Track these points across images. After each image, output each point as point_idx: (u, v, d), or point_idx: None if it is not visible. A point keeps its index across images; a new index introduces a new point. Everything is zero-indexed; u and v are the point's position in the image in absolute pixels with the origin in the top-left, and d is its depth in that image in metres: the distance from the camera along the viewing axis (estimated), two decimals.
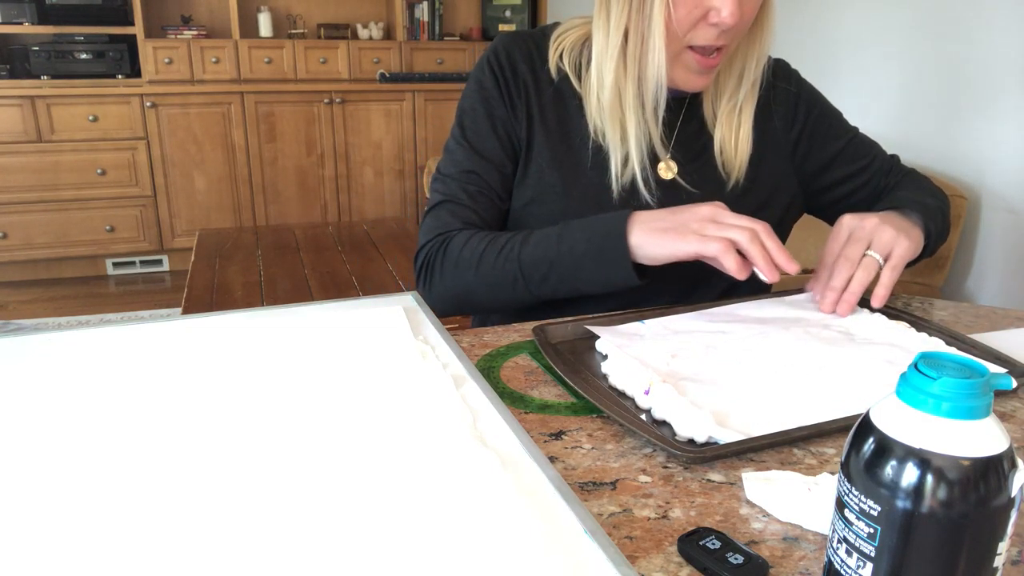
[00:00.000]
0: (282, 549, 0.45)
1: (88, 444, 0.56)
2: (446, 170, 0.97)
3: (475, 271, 0.88)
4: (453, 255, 0.90)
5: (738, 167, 0.94)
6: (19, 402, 0.62)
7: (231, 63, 3.74)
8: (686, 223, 0.78)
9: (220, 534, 0.46)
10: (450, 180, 0.95)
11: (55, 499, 0.49)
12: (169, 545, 0.45)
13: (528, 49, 0.96)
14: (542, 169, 0.94)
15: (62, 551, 0.45)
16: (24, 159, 3.34)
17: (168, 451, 0.55)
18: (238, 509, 0.48)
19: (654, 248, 0.79)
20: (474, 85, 0.97)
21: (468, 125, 0.96)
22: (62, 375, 0.67)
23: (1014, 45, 1.86)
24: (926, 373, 0.36)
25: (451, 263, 0.90)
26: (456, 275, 0.90)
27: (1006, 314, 0.91)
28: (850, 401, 0.65)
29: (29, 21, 3.44)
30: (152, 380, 0.67)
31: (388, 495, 0.50)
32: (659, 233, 0.79)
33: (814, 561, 0.46)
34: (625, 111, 0.89)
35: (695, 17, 0.81)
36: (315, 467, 0.53)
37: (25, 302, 3.29)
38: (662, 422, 0.62)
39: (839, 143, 1.00)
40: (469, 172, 0.94)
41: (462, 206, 0.94)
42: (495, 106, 0.95)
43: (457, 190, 0.94)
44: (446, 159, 0.98)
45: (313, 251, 2.49)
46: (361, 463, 0.54)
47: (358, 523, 0.47)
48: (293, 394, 0.64)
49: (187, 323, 0.80)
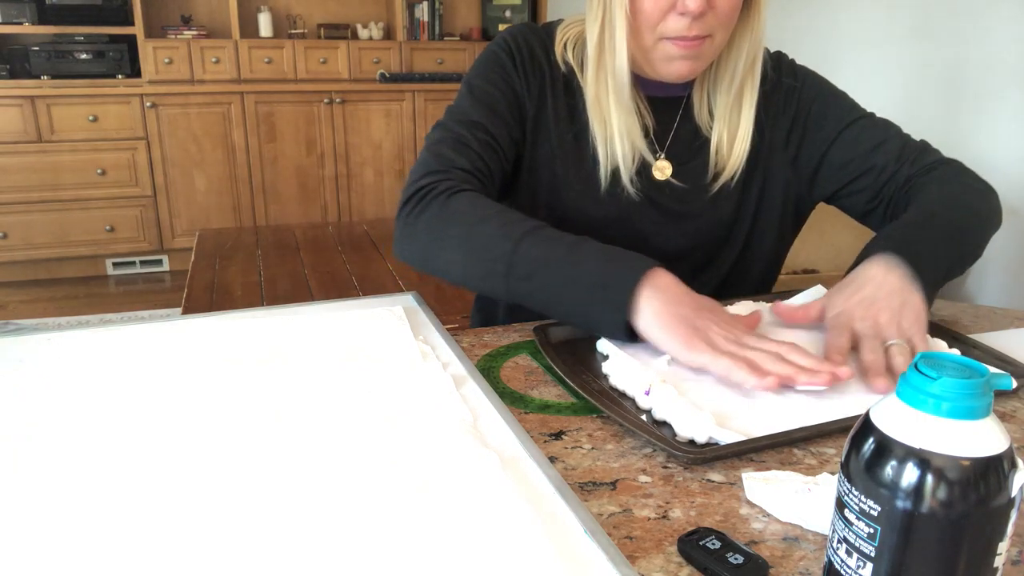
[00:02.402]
0: (282, 549, 0.45)
1: (88, 444, 0.56)
2: (450, 119, 0.90)
3: (466, 230, 0.79)
4: (458, 203, 0.81)
5: (734, 163, 0.92)
6: (19, 402, 0.62)
7: (231, 63, 3.74)
8: (704, 328, 0.69)
9: (221, 534, 0.46)
10: (455, 124, 0.89)
11: (55, 499, 0.49)
12: (170, 545, 0.45)
13: (541, 38, 0.95)
14: (552, 156, 0.94)
15: (62, 551, 0.45)
16: (24, 159, 3.34)
17: (168, 452, 0.55)
18: (238, 509, 0.48)
19: (655, 332, 0.70)
20: (488, 56, 0.94)
21: (478, 85, 0.92)
22: (62, 375, 0.67)
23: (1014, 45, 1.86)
24: (926, 373, 0.36)
25: (451, 209, 0.81)
26: (448, 223, 0.81)
27: (1006, 314, 0.91)
28: (850, 401, 0.65)
29: (29, 21, 3.44)
30: (152, 380, 0.67)
31: (388, 495, 0.50)
32: (669, 320, 0.69)
33: (814, 561, 0.46)
34: (604, 106, 0.89)
35: (663, 7, 0.80)
36: (315, 467, 0.53)
37: (25, 302, 3.29)
38: (662, 422, 0.62)
39: (838, 127, 0.94)
40: (476, 123, 0.89)
41: (469, 148, 0.87)
42: (510, 75, 0.93)
43: (464, 132, 0.88)
44: (450, 113, 0.92)
45: (313, 251, 2.49)
46: (361, 463, 0.54)
47: (358, 523, 0.47)
48: (293, 394, 0.64)
49: (187, 323, 0.80)
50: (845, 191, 0.95)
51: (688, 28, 0.80)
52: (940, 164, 0.92)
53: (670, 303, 0.70)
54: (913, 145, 0.94)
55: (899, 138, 0.94)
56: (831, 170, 0.95)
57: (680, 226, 0.95)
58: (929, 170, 0.91)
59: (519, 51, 0.93)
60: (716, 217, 0.95)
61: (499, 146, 0.90)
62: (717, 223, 0.96)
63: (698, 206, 0.94)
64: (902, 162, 0.92)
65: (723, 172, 0.93)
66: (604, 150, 0.90)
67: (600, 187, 0.92)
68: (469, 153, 0.87)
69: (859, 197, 0.95)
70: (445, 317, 0.86)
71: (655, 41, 0.83)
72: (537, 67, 0.94)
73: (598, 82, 0.88)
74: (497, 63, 0.93)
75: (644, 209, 0.93)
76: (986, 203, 0.89)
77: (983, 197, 0.89)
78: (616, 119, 0.88)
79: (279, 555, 0.44)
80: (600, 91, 0.88)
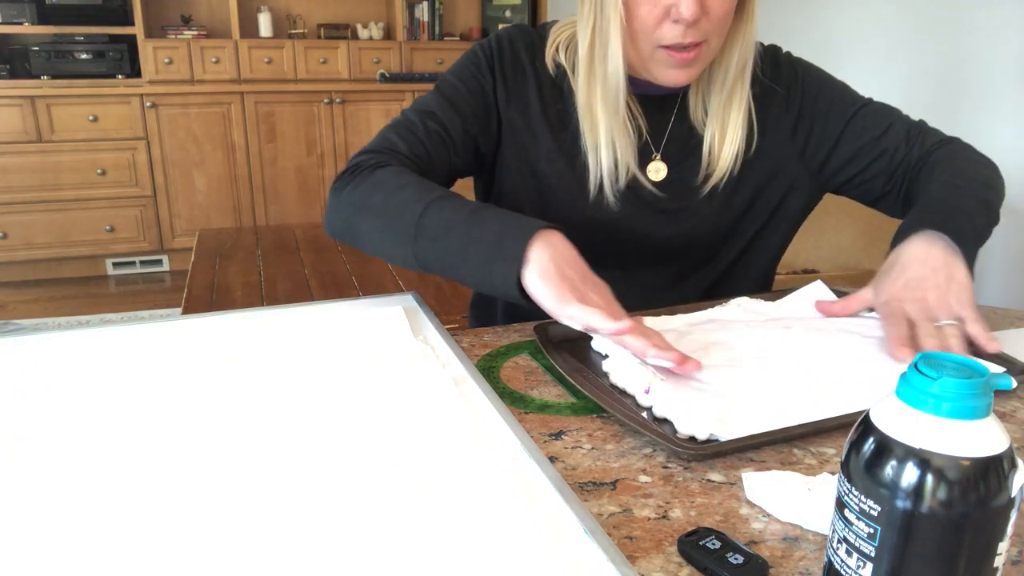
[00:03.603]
0: (282, 550, 0.45)
1: (88, 444, 0.56)
2: (409, 109, 0.93)
3: (383, 197, 0.81)
4: (381, 174, 0.83)
5: (729, 159, 0.93)
6: (19, 402, 0.62)
7: (231, 63, 3.74)
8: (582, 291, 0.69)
9: (221, 533, 0.46)
10: (411, 112, 0.92)
11: (56, 499, 0.49)
12: (170, 546, 0.45)
13: (531, 41, 0.95)
14: (538, 158, 0.94)
15: (62, 551, 0.45)
16: (24, 159, 3.34)
17: (168, 452, 0.55)
18: (238, 509, 0.48)
19: (537, 285, 0.70)
20: (467, 55, 0.96)
21: (447, 79, 0.94)
22: (62, 375, 0.67)
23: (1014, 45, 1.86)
24: (926, 373, 0.36)
25: (373, 180, 0.82)
26: (368, 193, 0.82)
27: (1006, 314, 0.91)
28: (851, 399, 0.65)
29: (29, 21, 3.44)
30: (152, 380, 0.67)
31: (388, 495, 0.50)
32: (553, 275, 0.69)
33: (814, 561, 0.46)
34: (596, 113, 0.89)
35: (656, 16, 0.80)
36: (315, 467, 0.53)
37: (25, 302, 3.29)
38: (663, 420, 0.62)
39: (844, 117, 0.96)
40: (431, 113, 0.91)
41: (413, 135, 0.89)
42: (483, 74, 0.94)
43: (415, 120, 0.90)
44: (413, 104, 0.94)
45: (313, 251, 2.49)
46: (361, 463, 0.54)
47: (358, 523, 0.47)
48: (293, 394, 0.64)
49: (187, 323, 0.80)
50: (859, 178, 0.97)
51: (683, 35, 0.80)
52: (946, 142, 0.97)
53: (559, 261, 0.71)
54: (916, 125, 0.98)
55: (902, 120, 0.97)
56: (843, 160, 0.97)
57: (676, 225, 0.95)
58: (937, 148, 0.96)
59: (499, 52, 0.94)
60: (713, 215, 0.95)
61: (449, 137, 0.91)
62: (714, 221, 0.96)
63: (694, 205, 0.94)
64: (912, 144, 0.96)
65: (716, 171, 0.93)
66: (594, 156, 0.91)
67: (591, 189, 0.92)
68: (411, 139, 0.89)
69: (874, 183, 0.96)
70: (445, 317, 0.86)
71: (652, 49, 0.83)
72: (519, 69, 0.94)
73: (589, 87, 0.88)
74: (472, 62, 0.95)
75: (639, 209, 0.93)
76: (995, 173, 0.94)
77: (991, 168, 0.94)
78: (604, 126, 0.88)
79: (279, 555, 0.44)
80: (591, 97, 0.88)
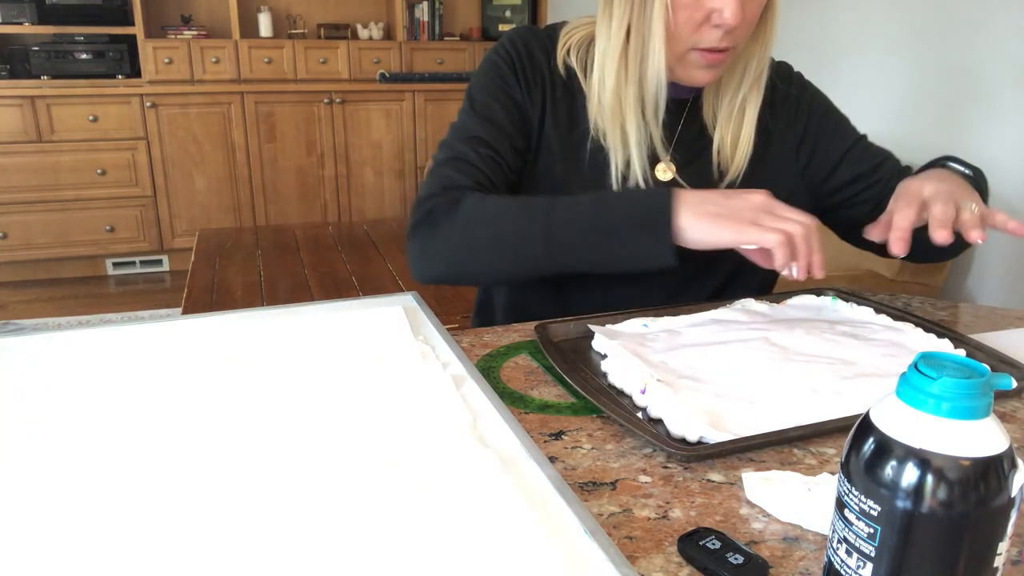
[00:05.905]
0: (282, 550, 0.45)
1: (89, 444, 0.56)
2: (452, 137, 0.92)
3: (490, 227, 0.83)
4: (468, 208, 0.84)
5: (736, 166, 0.93)
6: (19, 402, 0.62)
7: (231, 63, 3.74)
8: (739, 210, 0.74)
9: (221, 533, 0.46)
10: (457, 143, 0.91)
11: (55, 499, 0.49)
12: (170, 545, 0.45)
13: (542, 41, 0.96)
14: (552, 160, 0.94)
15: (62, 551, 0.45)
16: (24, 159, 3.34)
17: (168, 452, 0.55)
18: (238, 509, 0.48)
19: (703, 233, 0.75)
20: (488, 66, 0.95)
21: (479, 98, 0.93)
22: (62, 375, 0.67)
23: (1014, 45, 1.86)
24: (926, 373, 0.36)
25: (464, 216, 0.84)
26: (467, 229, 0.84)
27: (1006, 314, 0.91)
28: (851, 401, 0.65)
29: (29, 21, 3.44)
30: (152, 380, 0.67)
31: (388, 495, 0.50)
32: (711, 218, 0.74)
33: (814, 561, 0.46)
34: (626, 114, 0.89)
35: (697, 20, 0.81)
36: (315, 467, 0.53)
37: (25, 302, 3.29)
38: (658, 420, 0.62)
39: (846, 143, 0.99)
40: (478, 138, 0.91)
41: (471, 165, 0.89)
42: (510, 84, 0.93)
43: (466, 150, 0.90)
44: (452, 130, 0.94)
45: (313, 251, 2.49)
46: (361, 463, 0.54)
47: (358, 523, 0.47)
48: (293, 394, 0.64)
49: (187, 323, 0.80)
50: (851, 201, 1.00)
51: (720, 39, 0.82)
52: None
53: (700, 205, 0.76)
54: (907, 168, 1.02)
55: (895, 160, 1.02)
56: (841, 182, 0.99)
57: None
58: None
59: (519, 57, 0.94)
60: None
61: (501, 158, 0.91)
62: None
63: None
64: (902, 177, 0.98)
65: (727, 173, 0.94)
66: (615, 156, 0.91)
67: (605, 188, 0.92)
68: (470, 170, 0.89)
69: (863, 207, 0.98)
70: (445, 317, 0.86)
71: (685, 51, 0.84)
72: (538, 72, 0.94)
73: (620, 89, 0.88)
74: (497, 73, 0.94)
75: None
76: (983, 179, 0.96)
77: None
78: (634, 126, 0.89)
79: (279, 555, 0.44)
80: (622, 98, 0.88)
